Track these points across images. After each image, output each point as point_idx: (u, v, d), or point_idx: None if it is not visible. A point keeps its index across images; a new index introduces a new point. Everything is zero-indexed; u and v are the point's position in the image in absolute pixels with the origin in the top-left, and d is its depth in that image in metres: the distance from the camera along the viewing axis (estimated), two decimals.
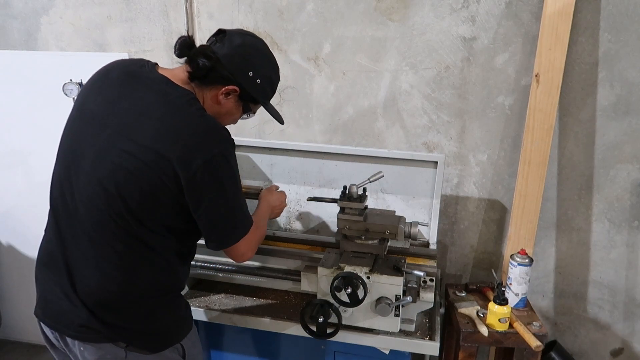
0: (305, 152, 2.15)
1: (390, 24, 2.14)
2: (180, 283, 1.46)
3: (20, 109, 2.51)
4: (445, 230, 2.33)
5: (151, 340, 1.35)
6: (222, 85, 1.33)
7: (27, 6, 2.49)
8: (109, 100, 1.28)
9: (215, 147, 1.25)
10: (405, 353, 1.67)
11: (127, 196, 1.22)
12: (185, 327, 1.45)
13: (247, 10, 2.26)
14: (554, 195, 2.19)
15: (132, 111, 1.24)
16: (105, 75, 1.34)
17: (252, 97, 1.40)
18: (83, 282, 1.28)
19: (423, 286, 1.59)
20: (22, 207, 2.63)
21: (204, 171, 1.23)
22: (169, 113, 1.24)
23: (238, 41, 1.34)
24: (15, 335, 2.90)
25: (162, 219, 1.29)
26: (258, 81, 1.37)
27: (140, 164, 1.21)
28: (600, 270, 2.24)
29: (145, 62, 1.35)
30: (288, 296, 1.88)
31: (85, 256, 1.28)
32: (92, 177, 1.24)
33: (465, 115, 2.17)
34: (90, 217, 1.26)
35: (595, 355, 2.36)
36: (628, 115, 2.03)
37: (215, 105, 1.36)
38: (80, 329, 1.29)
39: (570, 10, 1.88)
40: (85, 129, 1.29)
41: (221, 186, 1.28)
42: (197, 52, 1.30)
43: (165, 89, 1.28)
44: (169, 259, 1.35)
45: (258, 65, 1.37)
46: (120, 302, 1.30)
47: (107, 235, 1.26)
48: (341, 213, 1.63)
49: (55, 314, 1.33)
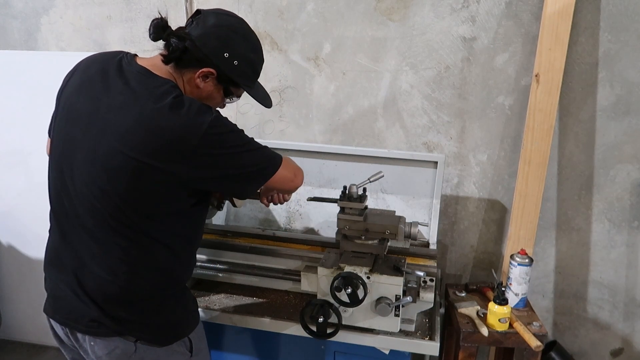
0: (305, 152, 2.15)
1: (391, 24, 2.14)
2: (187, 272, 1.46)
3: (20, 109, 2.51)
4: (445, 230, 2.33)
5: (160, 333, 1.35)
6: (198, 68, 1.28)
7: (27, 6, 2.49)
8: (91, 98, 1.25)
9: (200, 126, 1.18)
10: (405, 353, 1.67)
11: (121, 193, 1.21)
12: (193, 321, 1.45)
13: (247, 10, 2.26)
14: (554, 195, 2.19)
15: (113, 107, 1.21)
16: (85, 72, 1.32)
17: (231, 80, 1.34)
18: (90, 279, 1.29)
19: (423, 286, 1.58)
20: (22, 207, 2.63)
21: (202, 151, 1.19)
22: (149, 105, 1.19)
23: (212, 21, 1.28)
24: (15, 335, 2.90)
25: (162, 207, 1.27)
26: (235, 63, 1.30)
27: (128, 160, 1.18)
28: (600, 270, 2.24)
29: (124, 54, 1.31)
30: (288, 296, 1.88)
31: (91, 254, 1.29)
32: (85, 177, 1.24)
33: (465, 115, 2.17)
34: (89, 216, 1.26)
35: (595, 355, 2.36)
36: (628, 115, 2.03)
37: (195, 90, 1.32)
38: (91, 324, 1.30)
39: (570, 10, 1.88)
40: (72, 130, 1.27)
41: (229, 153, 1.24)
42: (170, 33, 1.26)
43: (145, 81, 1.24)
44: (173, 247, 1.34)
45: (234, 46, 1.30)
46: (128, 296, 1.30)
47: (108, 233, 1.26)
48: (341, 213, 1.63)
49: (65, 310, 1.34)
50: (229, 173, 1.26)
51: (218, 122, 1.22)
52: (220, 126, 1.22)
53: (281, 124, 2.39)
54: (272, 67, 2.30)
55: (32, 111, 2.49)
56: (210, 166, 1.23)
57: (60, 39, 2.51)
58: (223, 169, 1.25)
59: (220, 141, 1.22)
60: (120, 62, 1.28)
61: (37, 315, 2.81)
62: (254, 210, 2.32)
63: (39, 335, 2.86)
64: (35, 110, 2.49)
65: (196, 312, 1.50)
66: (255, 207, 2.31)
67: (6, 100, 2.52)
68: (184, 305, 1.44)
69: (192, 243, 1.45)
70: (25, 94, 2.48)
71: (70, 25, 2.47)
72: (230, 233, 2.03)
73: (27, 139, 2.55)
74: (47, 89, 2.32)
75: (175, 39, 1.25)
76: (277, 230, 2.22)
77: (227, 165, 1.25)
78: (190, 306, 1.47)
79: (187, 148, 1.18)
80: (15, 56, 2.49)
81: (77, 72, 1.34)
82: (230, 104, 1.47)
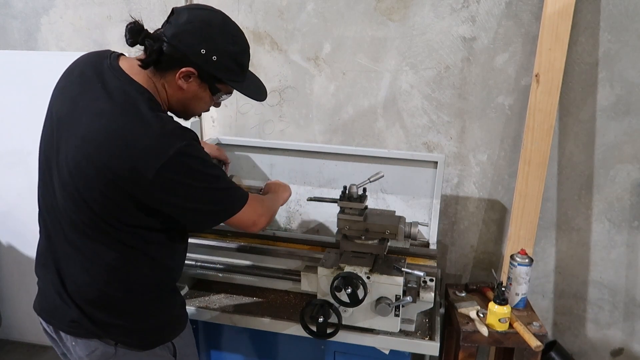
0: (305, 152, 2.15)
1: (391, 24, 2.14)
2: (171, 278, 1.42)
3: (20, 109, 2.50)
4: (445, 230, 2.33)
5: (140, 337, 1.33)
6: (177, 69, 1.22)
7: (27, 6, 2.49)
8: (70, 101, 1.23)
9: (167, 150, 1.13)
10: (405, 353, 1.67)
11: (91, 202, 1.19)
12: (179, 326, 1.43)
13: (247, 10, 2.25)
14: (554, 195, 2.19)
15: (87, 112, 1.18)
16: (69, 74, 1.30)
17: (214, 76, 1.27)
18: (71, 282, 1.29)
19: (423, 286, 1.58)
20: (22, 207, 2.63)
21: (163, 176, 1.13)
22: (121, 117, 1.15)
23: (184, 18, 1.21)
24: (15, 335, 2.90)
25: (133, 220, 1.23)
26: (214, 58, 1.22)
27: (97, 169, 1.15)
28: (600, 270, 2.24)
29: (109, 54, 1.27)
30: (288, 296, 1.87)
31: (71, 258, 1.28)
32: (63, 182, 1.22)
33: (465, 115, 2.17)
34: (67, 222, 1.25)
35: (595, 355, 2.36)
36: (628, 115, 2.03)
37: (178, 92, 1.26)
38: (72, 324, 1.30)
39: (570, 10, 1.88)
40: (53, 133, 1.25)
41: (190, 184, 1.18)
42: (146, 36, 1.21)
43: (122, 88, 1.19)
44: (153, 255, 1.31)
45: (210, 40, 1.22)
46: (107, 300, 1.29)
47: (85, 239, 1.24)
48: (341, 213, 1.63)
49: (49, 308, 1.35)
50: (186, 205, 1.21)
51: (189, 149, 1.16)
52: (189, 155, 1.16)
53: (281, 124, 2.39)
54: (272, 67, 2.30)
55: (32, 111, 2.48)
56: (167, 192, 1.18)
57: (60, 39, 2.51)
58: (181, 199, 1.19)
59: (184, 170, 1.16)
60: (102, 65, 1.24)
61: (37, 315, 2.81)
62: None
63: (39, 335, 2.82)
64: (35, 110, 2.46)
65: (183, 316, 1.47)
66: None
67: (6, 100, 2.52)
68: (170, 310, 1.41)
69: (175, 249, 1.40)
70: (25, 94, 2.48)
71: (70, 25, 2.47)
72: (230, 233, 2.03)
73: (27, 139, 2.54)
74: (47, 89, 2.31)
75: (150, 41, 1.20)
76: (277, 230, 2.23)
77: (186, 197, 1.20)
78: (177, 311, 1.44)
79: (148, 170, 1.12)
80: (15, 56, 2.49)
81: (63, 75, 1.32)
82: (224, 101, 1.42)
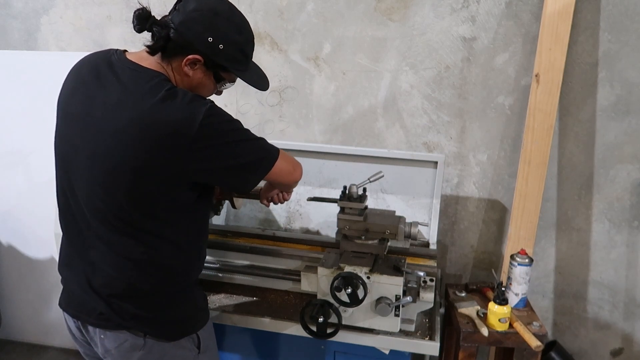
0: (305, 152, 2.15)
1: (390, 24, 2.14)
2: (196, 268, 1.46)
3: (20, 109, 2.51)
4: (445, 230, 2.33)
5: (167, 329, 1.36)
6: (184, 55, 1.25)
7: (27, 6, 2.49)
8: (86, 98, 1.25)
9: (195, 117, 1.16)
10: (405, 353, 1.67)
11: (124, 193, 1.22)
12: (202, 319, 1.46)
13: (247, 10, 2.25)
14: (554, 195, 2.19)
15: (108, 105, 1.20)
16: (77, 74, 1.32)
17: (220, 65, 1.30)
18: (98, 276, 1.31)
19: (423, 286, 1.58)
20: (22, 207, 2.63)
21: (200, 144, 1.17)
22: (142, 101, 1.18)
23: (192, 5, 1.24)
24: (15, 335, 2.90)
25: (165, 205, 1.27)
26: (221, 47, 1.26)
27: (127, 160, 1.18)
28: (600, 270, 2.24)
29: (114, 51, 1.30)
30: (288, 296, 1.87)
31: (97, 252, 1.30)
32: (88, 178, 1.24)
33: (465, 115, 2.17)
34: (93, 217, 1.27)
35: (595, 355, 2.36)
36: (628, 115, 2.03)
37: (185, 78, 1.29)
38: (100, 317, 1.32)
39: (570, 10, 1.88)
40: (72, 132, 1.27)
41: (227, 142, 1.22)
42: (153, 23, 1.24)
43: (136, 76, 1.22)
44: (179, 244, 1.34)
45: (217, 29, 1.25)
46: (135, 292, 1.31)
47: (113, 232, 1.27)
48: (341, 213, 1.63)
49: (77, 303, 1.37)
50: (228, 164, 1.24)
51: (213, 111, 1.20)
52: (215, 115, 1.21)
53: (281, 124, 2.39)
54: (272, 67, 2.30)
55: (32, 111, 2.49)
56: (209, 158, 1.21)
57: (60, 39, 2.51)
58: (222, 160, 1.23)
59: (216, 131, 1.20)
60: (110, 60, 1.27)
61: (37, 315, 2.81)
62: (254, 211, 2.32)
63: (39, 335, 2.86)
64: (35, 110, 2.49)
65: (206, 309, 1.50)
66: (255, 207, 2.31)
67: (6, 101, 2.52)
68: (193, 302, 1.45)
69: (198, 238, 1.44)
70: (25, 94, 2.48)
71: (70, 25, 2.47)
72: (230, 233, 2.03)
73: (27, 139, 2.54)
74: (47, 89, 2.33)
75: (158, 28, 1.23)
76: (277, 230, 2.22)
77: (226, 156, 1.23)
78: (200, 303, 1.48)
79: (184, 141, 1.16)
80: (15, 56, 2.49)
81: (70, 75, 1.34)
82: (227, 89, 1.44)
